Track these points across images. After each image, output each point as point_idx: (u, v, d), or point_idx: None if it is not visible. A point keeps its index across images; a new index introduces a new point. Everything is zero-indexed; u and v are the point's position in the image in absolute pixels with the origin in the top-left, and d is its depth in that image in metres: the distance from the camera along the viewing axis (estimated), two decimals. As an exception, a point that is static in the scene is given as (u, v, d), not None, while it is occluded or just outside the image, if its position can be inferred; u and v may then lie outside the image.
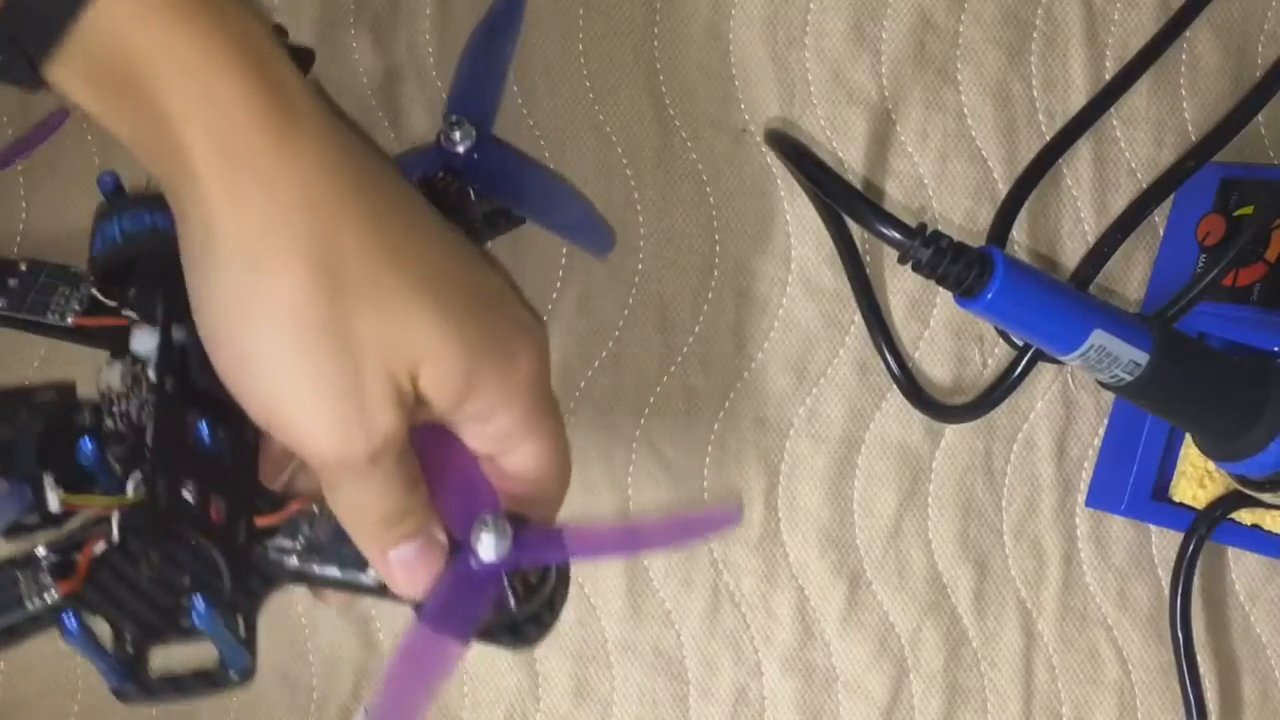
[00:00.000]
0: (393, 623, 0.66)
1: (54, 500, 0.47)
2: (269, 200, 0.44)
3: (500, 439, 0.50)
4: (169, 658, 0.48)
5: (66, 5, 0.42)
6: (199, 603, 0.46)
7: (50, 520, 0.47)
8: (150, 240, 0.50)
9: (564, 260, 0.66)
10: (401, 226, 0.47)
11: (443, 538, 0.50)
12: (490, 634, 0.50)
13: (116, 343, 0.51)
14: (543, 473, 0.51)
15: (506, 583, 0.50)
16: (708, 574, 0.67)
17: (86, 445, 0.47)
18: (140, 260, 0.52)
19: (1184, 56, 0.70)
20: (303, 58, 0.50)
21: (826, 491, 0.69)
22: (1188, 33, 0.70)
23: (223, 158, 0.44)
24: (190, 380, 0.49)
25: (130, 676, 0.46)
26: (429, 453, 0.55)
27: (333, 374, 0.45)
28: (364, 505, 0.48)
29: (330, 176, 0.45)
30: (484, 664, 0.67)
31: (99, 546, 0.46)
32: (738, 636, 0.68)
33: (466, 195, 0.58)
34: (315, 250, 0.44)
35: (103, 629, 0.47)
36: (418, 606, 0.49)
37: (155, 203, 0.51)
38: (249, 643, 0.50)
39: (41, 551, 0.46)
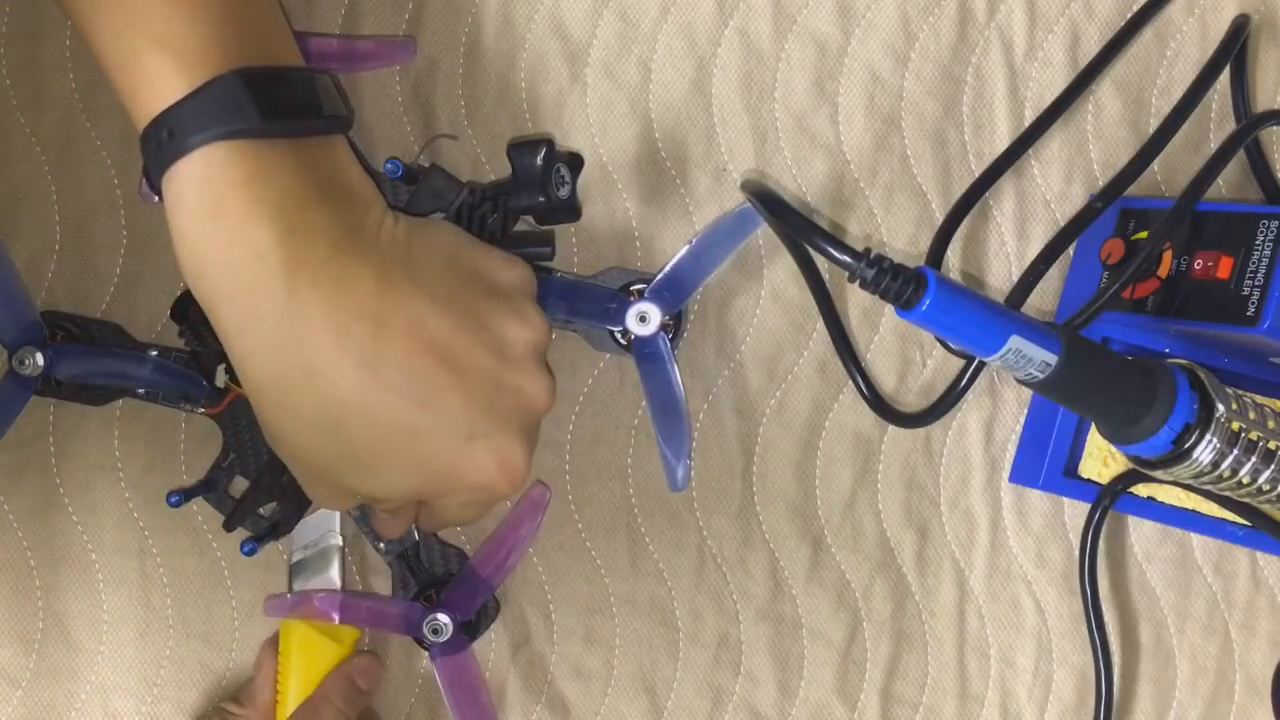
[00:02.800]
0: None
1: (220, 379, 0.63)
2: None
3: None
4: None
5: (166, 157, 0.51)
6: None
7: (216, 392, 0.64)
8: None
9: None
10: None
11: None
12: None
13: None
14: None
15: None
16: (695, 539, 0.70)
17: None
18: None
19: (1090, 107, 0.71)
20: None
21: (793, 470, 0.70)
22: (1093, 87, 0.71)
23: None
24: None
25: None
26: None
27: None
28: None
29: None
30: (507, 613, 0.69)
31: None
32: (720, 591, 0.70)
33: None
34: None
35: None
36: None
37: None
38: None
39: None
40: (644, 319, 0.64)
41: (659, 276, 0.65)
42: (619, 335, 0.66)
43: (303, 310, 0.52)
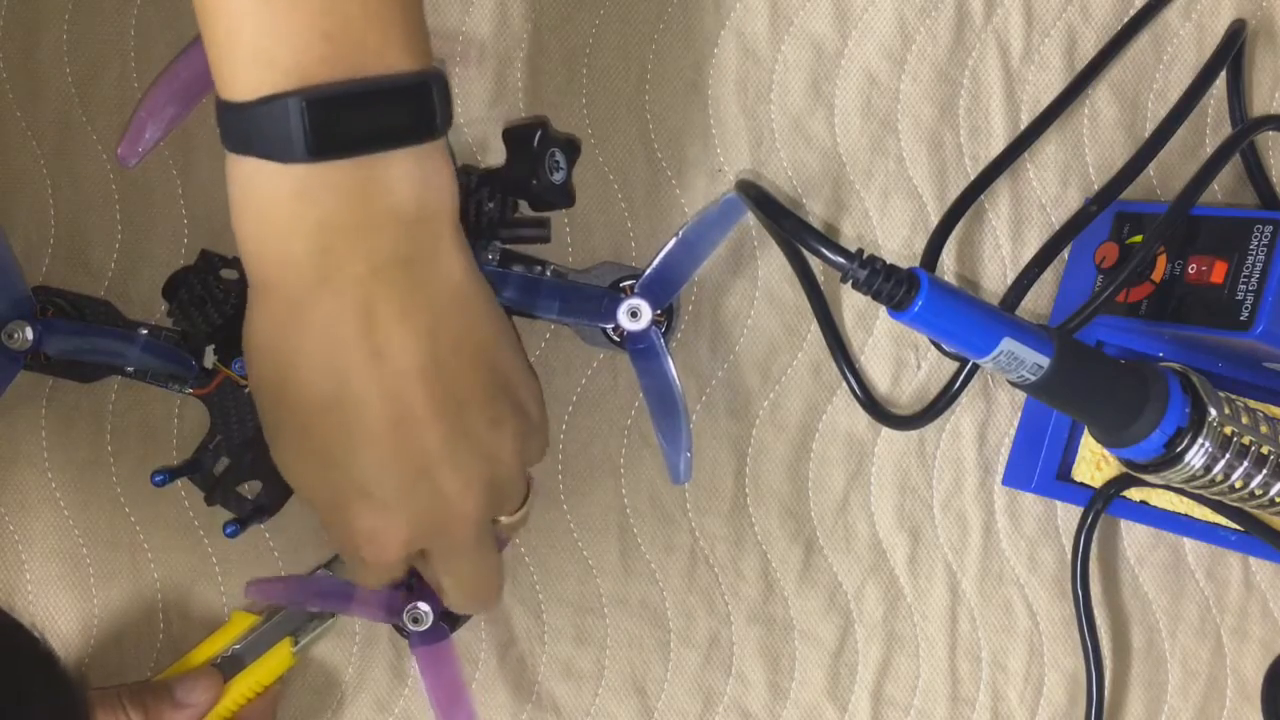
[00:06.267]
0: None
1: (209, 359, 0.64)
2: None
3: None
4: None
5: (225, 143, 0.51)
6: None
7: (204, 373, 0.64)
8: None
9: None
10: None
11: None
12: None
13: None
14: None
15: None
16: (686, 540, 0.70)
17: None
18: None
19: (1086, 111, 0.71)
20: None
21: (786, 472, 0.71)
22: (1089, 91, 0.71)
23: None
24: None
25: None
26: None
27: None
28: None
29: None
30: (498, 612, 0.69)
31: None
32: (711, 592, 0.71)
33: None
34: None
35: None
36: None
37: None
38: None
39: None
40: (635, 314, 0.64)
41: (648, 271, 0.65)
42: (612, 331, 0.66)
43: (317, 310, 0.51)
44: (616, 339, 0.66)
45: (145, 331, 0.64)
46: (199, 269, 0.64)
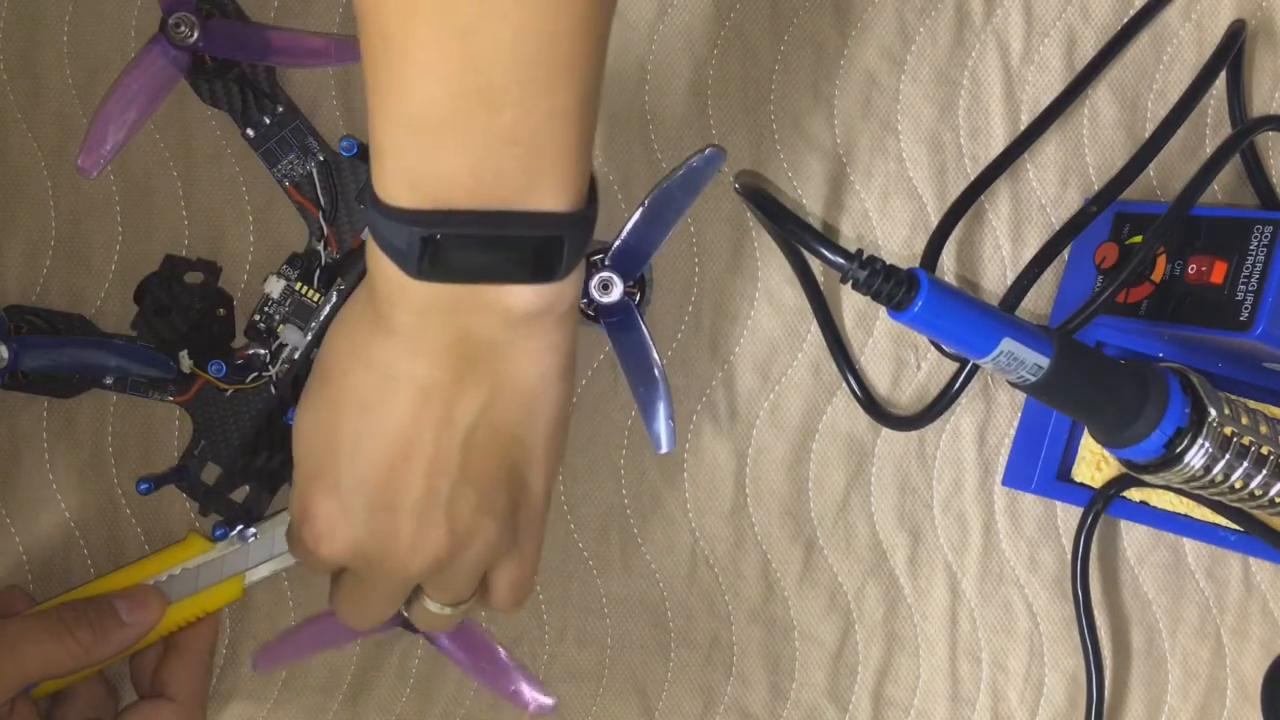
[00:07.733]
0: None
1: (185, 364, 0.63)
2: None
3: None
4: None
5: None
6: None
7: (183, 378, 0.64)
8: None
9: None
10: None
11: None
12: None
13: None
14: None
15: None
16: (687, 540, 0.70)
17: (222, 368, 0.63)
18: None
19: (1086, 111, 0.72)
20: None
21: (786, 472, 0.71)
22: (1089, 91, 0.71)
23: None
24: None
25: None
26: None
27: None
28: None
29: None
30: (499, 614, 0.67)
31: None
32: (712, 593, 0.71)
33: None
34: None
35: None
36: None
37: None
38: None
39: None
40: (607, 287, 0.64)
41: (615, 243, 0.64)
42: (585, 306, 0.66)
43: (396, 335, 0.52)
44: (590, 314, 0.66)
45: (121, 341, 0.64)
46: (162, 276, 0.64)
